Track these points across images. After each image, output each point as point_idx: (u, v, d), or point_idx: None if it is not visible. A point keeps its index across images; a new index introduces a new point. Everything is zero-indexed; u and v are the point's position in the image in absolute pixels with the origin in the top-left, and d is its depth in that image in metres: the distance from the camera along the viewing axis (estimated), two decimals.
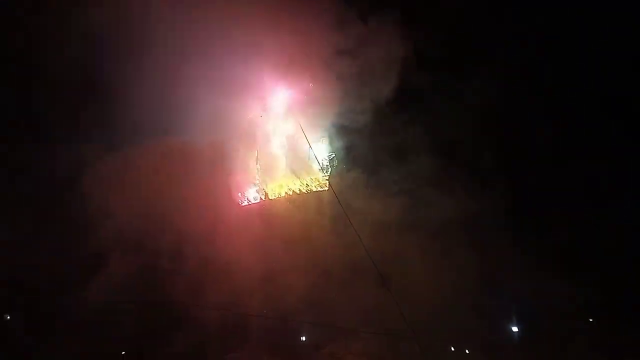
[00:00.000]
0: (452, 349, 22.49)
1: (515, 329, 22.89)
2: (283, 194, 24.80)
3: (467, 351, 22.45)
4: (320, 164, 24.14)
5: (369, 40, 22.73)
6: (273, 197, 24.79)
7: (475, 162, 24.28)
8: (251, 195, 24.87)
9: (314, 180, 24.44)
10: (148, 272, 22.57)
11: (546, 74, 24.56)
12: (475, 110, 24.02)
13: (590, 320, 22.91)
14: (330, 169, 24.39)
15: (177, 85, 22.39)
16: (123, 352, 22.87)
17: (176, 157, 23.21)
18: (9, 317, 22.09)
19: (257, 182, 24.88)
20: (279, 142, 24.82)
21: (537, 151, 24.83)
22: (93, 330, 21.54)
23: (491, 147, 24.31)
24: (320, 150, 24.39)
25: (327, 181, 24.08)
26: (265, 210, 24.56)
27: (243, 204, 24.79)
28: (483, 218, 23.32)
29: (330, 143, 24.54)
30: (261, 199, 24.82)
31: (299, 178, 24.63)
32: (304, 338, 23.01)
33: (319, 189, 24.33)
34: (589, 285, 21.94)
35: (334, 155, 24.46)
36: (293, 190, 24.69)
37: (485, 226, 23.36)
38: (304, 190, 24.63)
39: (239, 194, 24.73)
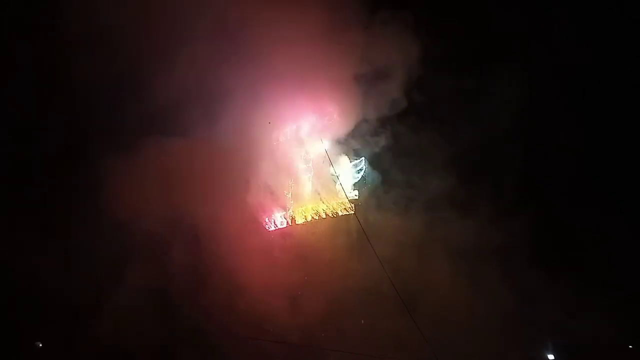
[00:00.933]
0: None
1: (551, 357, 22.12)
2: (309, 219, 24.90)
3: None
4: (346, 188, 24.21)
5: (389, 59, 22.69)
6: (300, 222, 24.92)
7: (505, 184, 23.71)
8: (278, 219, 25.05)
9: (339, 204, 24.48)
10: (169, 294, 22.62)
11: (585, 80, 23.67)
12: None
13: (630, 347, 22.00)
14: (356, 193, 24.38)
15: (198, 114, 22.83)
16: None
17: (204, 183, 23.29)
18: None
19: (283, 207, 25.09)
20: (305, 166, 25.00)
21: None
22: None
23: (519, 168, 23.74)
24: (346, 173, 24.50)
25: (352, 205, 24.14)
26: (292, 235, 24.64)
27: (270, 229, 24.98)
28: (515, 243, 22.78)
29: (356, 166, 24.57)
30: (288, 223, 24.97)
31: (325, 202, 24.72)
32: None
33: (345, 212, 24.34)
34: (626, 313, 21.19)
35: (360, 178, 24.45)
36: (319, 215, 24.77)
37: (517, 251, 22.82)
38: (330, 214, 24.69)
39: (266, 218, 24.94)
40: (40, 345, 22.35)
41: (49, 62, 22.97)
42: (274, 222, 24.97)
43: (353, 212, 23.84)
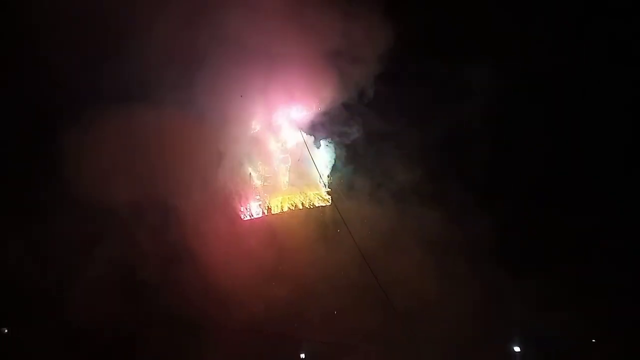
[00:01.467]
0: None
1: (517, 349, 22.69)
2: (286, 209, 24.76)
3: None
4: (323, 178, 24.21)
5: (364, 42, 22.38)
6: (275, 212, 24.74)
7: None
8: (253, 209, 24.79)
9: (316, 194, 24.44)
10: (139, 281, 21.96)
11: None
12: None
13: (593, 340, 22.76)
14: (332, 183, 24.40)
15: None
16: None
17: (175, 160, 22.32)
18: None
19: (259, 196, 24.85)
20: (281, 156, 24.86)
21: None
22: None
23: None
24: (322, 164, 24.49)
25: (329, 196, 24.16)
26: (267, 224, 24.43)
27: (245, 218, 24.70)
28: (484, 237, 23.24)
29: (334, 157, 24.61)
30: (263, 213, 24.75)
31: (302, 192, 24.64)
32: (303, 355, 22.68)
33: (322, 204, 24.33)
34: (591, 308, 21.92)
35: (336, 168, 24.50)
36: (296, 205, 24.66)
37: (486, 245, 23.29)
38: (306, 205, 24.62)
39: (241, 207, 24.66)
40: (6, 331, 21.53)
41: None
42: (250, 211, 24.70)
43: (330, 203, 23.93)
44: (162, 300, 21.39)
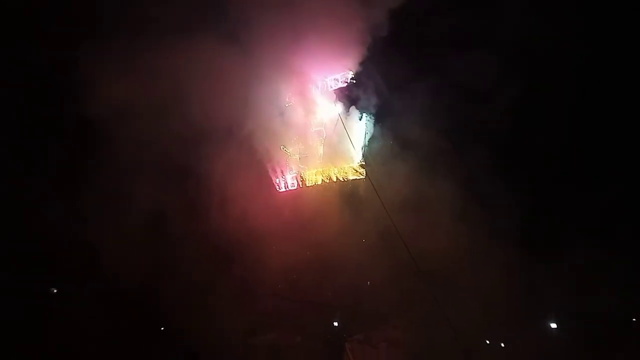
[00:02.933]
0: (487, 342, 22.08)
1: (553, 325, 22.29)
2: (320, 182, 24.98)
3: (502, 344, 22.02)
4: (357, 151, 24.23)
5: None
6: (310, 184, 25.00)
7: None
8: (288, 181, 25.13)
9: (351, 167, 24.52)
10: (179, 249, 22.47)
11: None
12: None
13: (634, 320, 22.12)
14: (367, 156, 24.37)
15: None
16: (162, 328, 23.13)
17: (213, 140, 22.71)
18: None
19: (294, 169, 25.15)
20: (316, 129, 25.00)
21: None
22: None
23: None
24: (357, 137, 24.49)
25: (363, 169, 24.18)
26: (302, 197, 24.73)
27: (280, 190, 25.09)
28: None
29: (368, 130, 24.57)
30: (298, 185, 25.06)
31: (336, 165, 24.77)
32: (336, 323, 22.97)
33: (356, 176, 24.39)
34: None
35: (371, 141, 24.43)
36: (330, 178, 24.84)
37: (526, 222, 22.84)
38: (340, 178, 24.76)
39: (277, 180, 25.04)
40: (55, 291, 22.35)
41: None
42: (285, 183, 25.06)
43: (364, 176, 23.95)
44: (199, 266, 21.91)
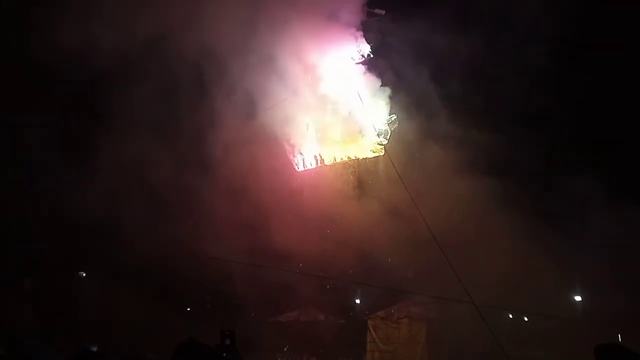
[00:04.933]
0: (510, 316, 22.05)
1: (578, 298, 22.13)
2: (339, 160, 24.83)
3: (525, 319, 21.98)
4: (377, 129, 23.93)
5: None
6: (329, 163, 24.87)
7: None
8: (307, 160, 25.03)
9: (370, 145, 24.29)
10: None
11: None
12: None
13: None
14: (388, 134, 24.06)
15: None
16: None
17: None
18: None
19: (313, 147, 25.00)
20: (334, 107, 24.71)
21: None
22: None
23: None
24: (377, 114, 24.17)
25: (383, 146, 23.93)
26: (320, 175, 24.65)
27: (299, 169, 25.03)
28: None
29: (389, 106, 24.19)
30: (317, 163, 24.95)
31: (355, 143, 24.55)
32: (358, 301, 23.18)
33: (376, 154, 24.18)
34: None
35: (392, 119, 24.09)
36: (349, 157, 24.67)
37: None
38: (359, 157, 24.58)
39: (295, 158, 24.94)
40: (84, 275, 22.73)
41: None
42: (303, 161, 24.97)
43: (383, 153, 23.72)
44: (218, 242, 21.89)
